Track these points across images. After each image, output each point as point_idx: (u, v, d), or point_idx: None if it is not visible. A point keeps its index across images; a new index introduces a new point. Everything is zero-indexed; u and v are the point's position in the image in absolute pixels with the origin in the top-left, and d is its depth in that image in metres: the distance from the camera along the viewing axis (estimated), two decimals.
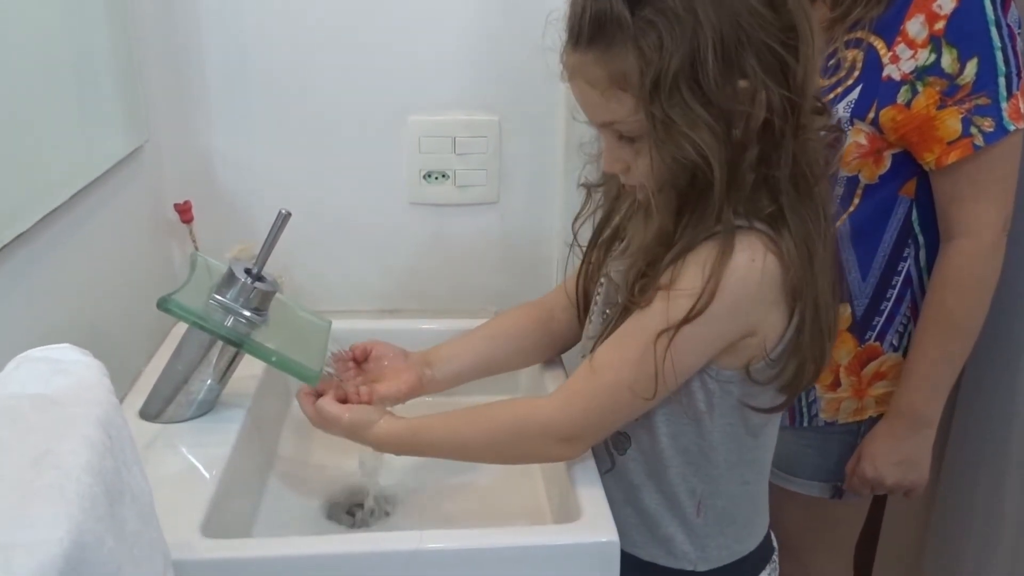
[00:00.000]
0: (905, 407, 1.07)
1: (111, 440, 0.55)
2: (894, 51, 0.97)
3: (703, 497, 0.86)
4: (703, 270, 0.73)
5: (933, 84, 0.96)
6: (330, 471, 1.01)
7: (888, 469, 1.08)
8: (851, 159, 0.99)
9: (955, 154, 0.98)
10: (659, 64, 0.68)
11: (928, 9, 0.95)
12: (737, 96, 0.70)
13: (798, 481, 1.16)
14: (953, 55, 0.95)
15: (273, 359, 0.88)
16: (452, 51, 1.17)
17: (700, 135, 0.70)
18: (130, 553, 0.54)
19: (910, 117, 0.98)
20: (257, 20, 1.14)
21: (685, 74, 0.69)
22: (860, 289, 1.06)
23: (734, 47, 0.68)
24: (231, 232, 1.17)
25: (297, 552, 0.75)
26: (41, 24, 0.85)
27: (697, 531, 0.87)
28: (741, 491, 0.87)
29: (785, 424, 1.11)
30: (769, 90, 0.70)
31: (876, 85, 0.98)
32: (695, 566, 0.88)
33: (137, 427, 0.90)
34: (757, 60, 0.69)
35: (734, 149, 0.71)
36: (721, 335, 0.76)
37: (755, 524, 0.91)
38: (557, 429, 0.81)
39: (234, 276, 0.88)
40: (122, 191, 1.05)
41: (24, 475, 0.49)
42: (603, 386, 0.79)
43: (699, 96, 0.69)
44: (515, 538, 0.79)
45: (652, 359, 0.74)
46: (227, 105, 1.17)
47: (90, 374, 0.58)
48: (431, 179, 1.22)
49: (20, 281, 0.80)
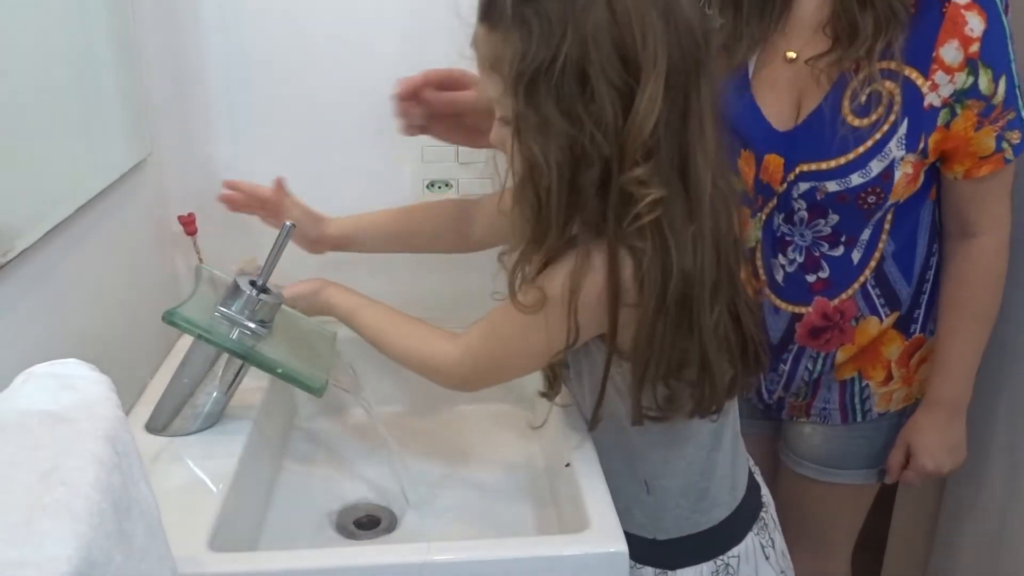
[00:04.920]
0: (946, 397, 1.10)
1: (118, 456, 0.55)
2: (932, 79, 0.95)
3: (647, 478, 0.91)
4: (568, 293, 0.78)
5: (971, 107, 0.96)
6: (337, 482, 1.01)
7: (944, 458, 1.12)
8: (899, 189, 1.00)
9: (987, 168, 0.99)
10: (525, 58, 0.73)
11: (960, 33, 0.94)
12: (587, 114, 0.73)
13: (847, 473, 1.18)
14: (989, 76, 0.95)
15: (279, 371, 0.88)
16: (456, 60, 1.17)
17: (547, 136, 0.74)
18: (138, 568, 0.54)
19: (948, 137, 0.98)
20: (259, 31, 1.14)
21: (545, 77, 0.73)
22: (908, 295, 1.08)
23: (585, 73, 0.72)
24: (235, 244, 1.17)
25: (304, 565, 0.75)
26: (43, 38, 0.85)
27: (649, 507, 0.92)
28: (685, 467, 0.90)
29: (837, 423, 1.13)
30: (609, 123, 0.73)
31: (920, 116, 0.97)
32: (655, 535, 0.92)
33: (143, 440, 0.90)
34: (606, 91, 0.72)
35: (576, 162, 0.75)
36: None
37: (716, 495, 0.93)
38: (451, 378, 0.91)
39: (239, 288, 0.88)
40: (126, 204, 1.05)
41: (32, 491, 0.49)
42: (493, 354, 0.87)
43: (554, 100, 0.73)
44: (523, 549, 0.78)
45: (531, 347, 0.83)
46: (230, 117, 1.17)
47: (97, 389, 0.58)
48: (434, 188, 1.22)
49: (26, 295, 0.80)
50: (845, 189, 0.98)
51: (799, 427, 1.17)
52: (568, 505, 0.88)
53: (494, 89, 0.78)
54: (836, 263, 1.04)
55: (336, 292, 0.97)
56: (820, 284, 1.05)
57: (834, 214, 1.01)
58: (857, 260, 1.04)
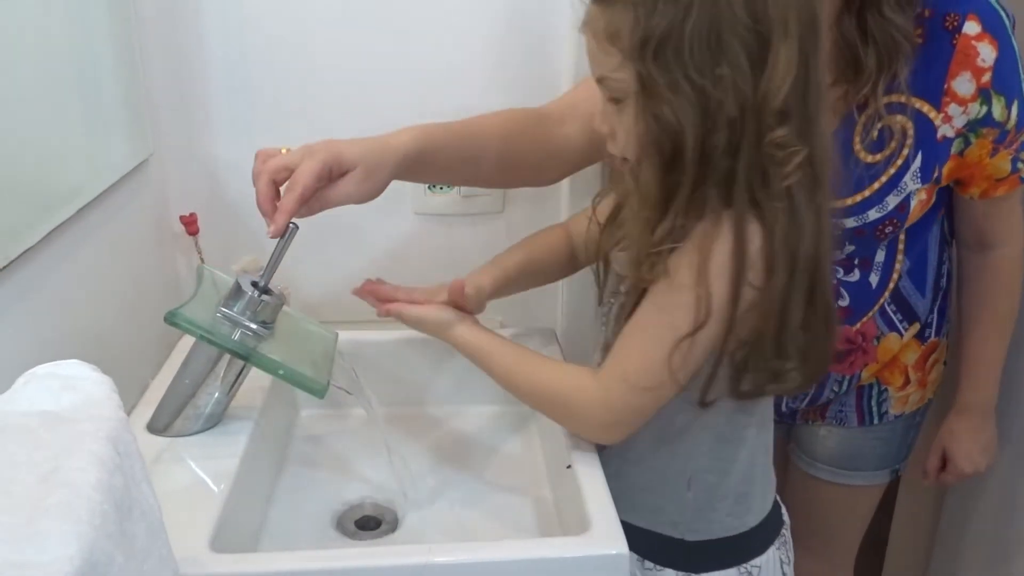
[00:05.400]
0: (976, 401, 1.14)
1: (120, 457, 0.55)
2: (945, 111, 0.95)
3: (693, 473, 0.88)
4: (697, 265, 0.76)
5: (986, 135, 0.96)
6: (338, 483, 1.00)
7: (981, 460, 1.16)
8: (915, 214, 1.00)
9: (1003, 189, 1.00)
10: (648, 24, 0.72)
11: (973, 65, 0.93)
12: (715, 81, 0.72)
13: (862, 474, 1.19)
14: (1002, 103, 0.95)
15: (280, 372, 0.87)
16: (456, 61, 1.17)
17: (679, 103, 0.73)
18: (140, 569, 0.54)
19: (963, 165, 0.98)
20: (261, 30, 1.14)
21: (672, 42, 0.72)
22: (925, 307, 1.09)
23: (719, 33, 0.71)
24: (237, 244, 1.17)
25: (306, 566, 0.75)
26: (45, 38, 0.85)
27: (687, 504, 0.89)
28: (734, 468, 0.89)
29: (854, 425, 1.14)
30: (740, 86, 0.72)
31: (934, 148, 0.97)
32: (684, 536, 0.90)
33: (144, 441, 0.89)
34: (739, 51, 0.72)
35: (708, 132, 0.74)
36: (721, 329, 0.79)
37: (752, 501, 0.92)
38: (598, 418, 0.85)
39: (241, 289, 0.88)
40: (128, 204, 1.05)
41: (34, 493, 0.49)
42: (639, 389, 0.81)
43: (681, 66, 0.72)
44: (524, 551, 0.78)
45: (674, 361, 0.78)
46: (232, 116, 1.17)
47: (98, 390, 0.58)
48: (436, 189, 1.22)
49: (28, 295, 0.80)
50: (863, 224, 0.99)
51: (813, 429, 1.18)
52: (569, 506, 0.88)
53: (609, 64, 0.77)
54: (854, 289, 1.04)
55: (465, 331, 0.92)
56: (841, 313, 1.04)
57: (850, 245, 1.01)
58: (876, 284, 1.04)
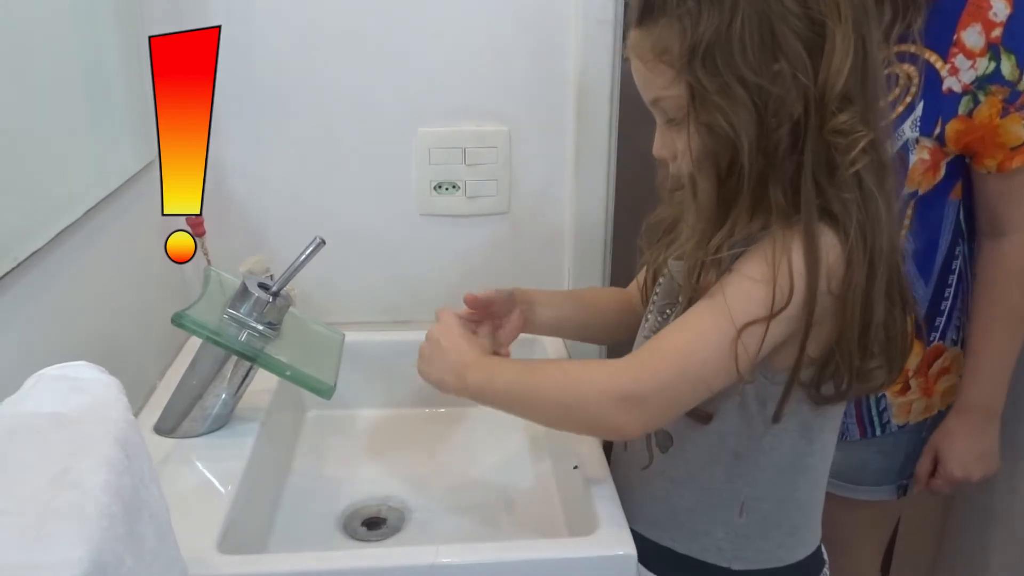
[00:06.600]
0: (978, 402, 1.07)
1: (128, 458, 0.55)
2: (952, 63, 0.95)
3: (748, 499, 0.84)
4: (775, 263, 0.72)
5: (995, 93, 0.95)
6: (344, 483, 1.00)
7: (975, 465, 1.09)
8: (915, 175, 0.98)
9: (1019, 160, 0.98)
10: (695, 33, 0.71)
11: (984, 17, 0.93)
12: (772, 78, 0.71)
13: (864, 489, 1.15)
14: (1012, 61, 0.94)
15: (287, 373, 0.88)
16: (461, 62, 1.17)
17: (733, 109, 0.71)
18: (149, 571, 0.54)
19: (973, 127, 0.97)
20: (267, 33, 1.14)
21: (721, 46, 0.71)
22: (924, 295, 1.06)
23: (771, 28, 0.70)
24: (243, 246, 1.18)
25: (313, 567, 0.75)
26: (52, 43, 0.85)
27: (738, 531, 0.85)
28: (790, 497, 0.85)
29: (856, 437, 1.11)
30: (801, 79, 0.71)
31: (938, 100, 0.96)
32: (730, 564, 0.86)
33: (152, 442, 0.90)
34: (794, 42, 0.70)
35: (768, 132, 0.72)
36: (790, 330, 0.75)
37: (804, 533, 0.88)
38: (620, 387, 0.74)
39: (248, 291, 0.88)
40: (134, 206, 1.05)
41: (42, 494, 0.49)
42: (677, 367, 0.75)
43: (734, 70, 0.71)
44: (531, 552, 0.78)
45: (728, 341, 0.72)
46: (237, 119, 1.17)
47: (107, 392, 0.58)
48: (441, 190, 1.22)
49: (35, 298, 0.80)
50: None
51: None
52: (576, 507, 0.88)
53: (660, 83, 0.75)
54: None
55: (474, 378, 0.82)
56: None
57: None
58: None
